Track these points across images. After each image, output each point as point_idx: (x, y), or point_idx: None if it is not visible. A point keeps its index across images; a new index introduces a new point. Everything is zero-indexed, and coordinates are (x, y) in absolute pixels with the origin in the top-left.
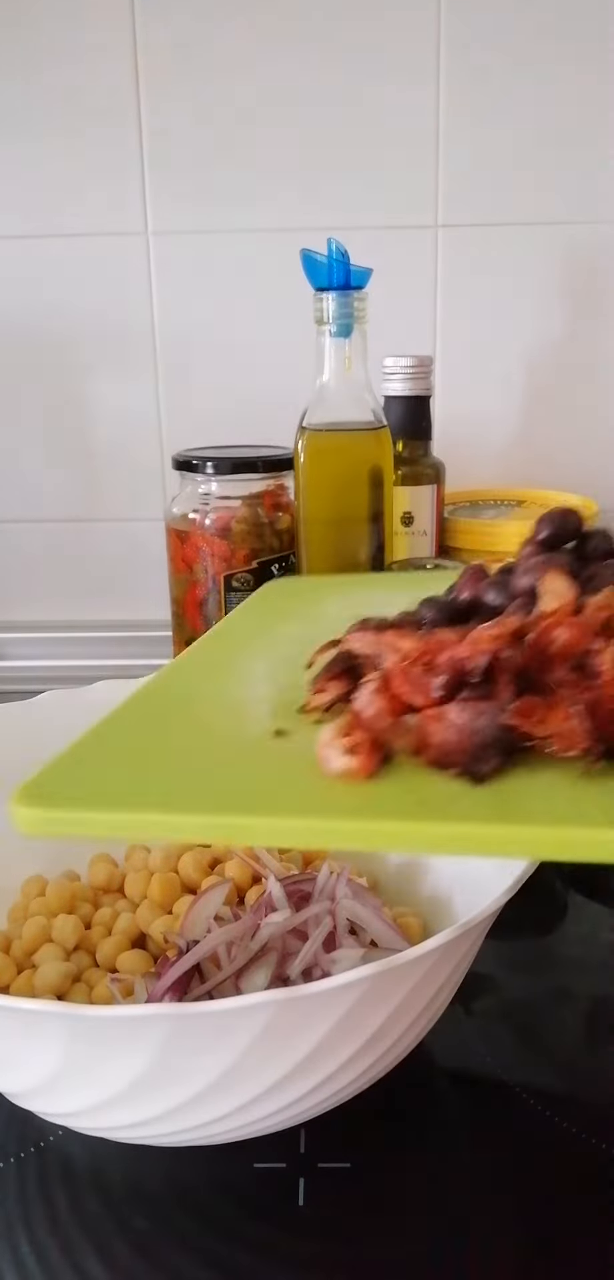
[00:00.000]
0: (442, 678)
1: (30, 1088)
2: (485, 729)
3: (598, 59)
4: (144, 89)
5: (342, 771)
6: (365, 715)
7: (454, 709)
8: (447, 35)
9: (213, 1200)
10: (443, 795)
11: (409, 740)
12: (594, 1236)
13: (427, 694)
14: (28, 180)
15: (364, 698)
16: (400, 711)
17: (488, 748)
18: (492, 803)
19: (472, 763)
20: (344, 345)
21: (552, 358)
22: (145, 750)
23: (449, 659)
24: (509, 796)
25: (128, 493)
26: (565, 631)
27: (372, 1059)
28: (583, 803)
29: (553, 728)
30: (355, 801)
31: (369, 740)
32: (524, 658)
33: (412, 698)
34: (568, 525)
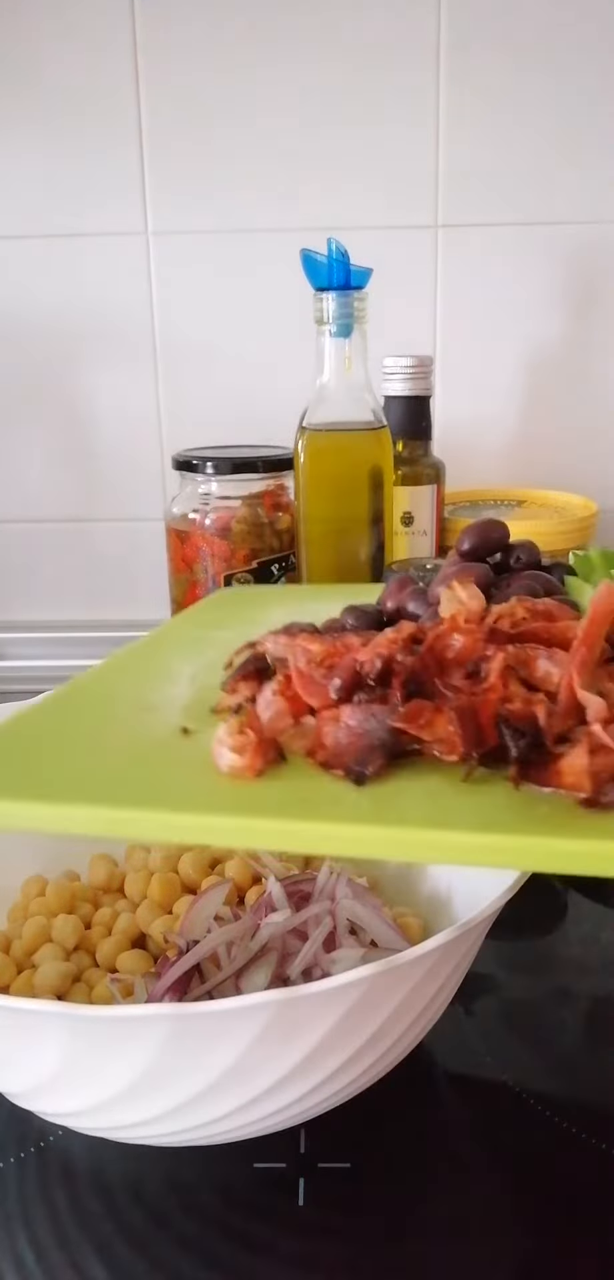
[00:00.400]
0: (338, 680)
1: (30, 1088)
2: (374, 731)
3: (598, 59)
4: (144, 89)
5: (230, 769)
6: (265, 716)
7: (347, 711)
8: (447, 36)
9: (213, 1200)
10: (325, 796)
11: (305, 741)
12: (594, 1236)
13: (324, 696)
14: (28, 180)
15: (265, 699)
16: (301, 713)
17: (375, 750)
18: (368, 804)
19: (356, 764)
20: (344, 345)
21: (552, 358)
22: (50, 745)
23: (347, 662)
24: (387, 799)
25: (128, 493)
26: (461, 638)
27: (372, 1059)
28: (452, 808)
29: (439, 732)
30: (239, 799)
31: (256, 740)
32: (418, 663)
33: (310, 699)
34: (491, 537)
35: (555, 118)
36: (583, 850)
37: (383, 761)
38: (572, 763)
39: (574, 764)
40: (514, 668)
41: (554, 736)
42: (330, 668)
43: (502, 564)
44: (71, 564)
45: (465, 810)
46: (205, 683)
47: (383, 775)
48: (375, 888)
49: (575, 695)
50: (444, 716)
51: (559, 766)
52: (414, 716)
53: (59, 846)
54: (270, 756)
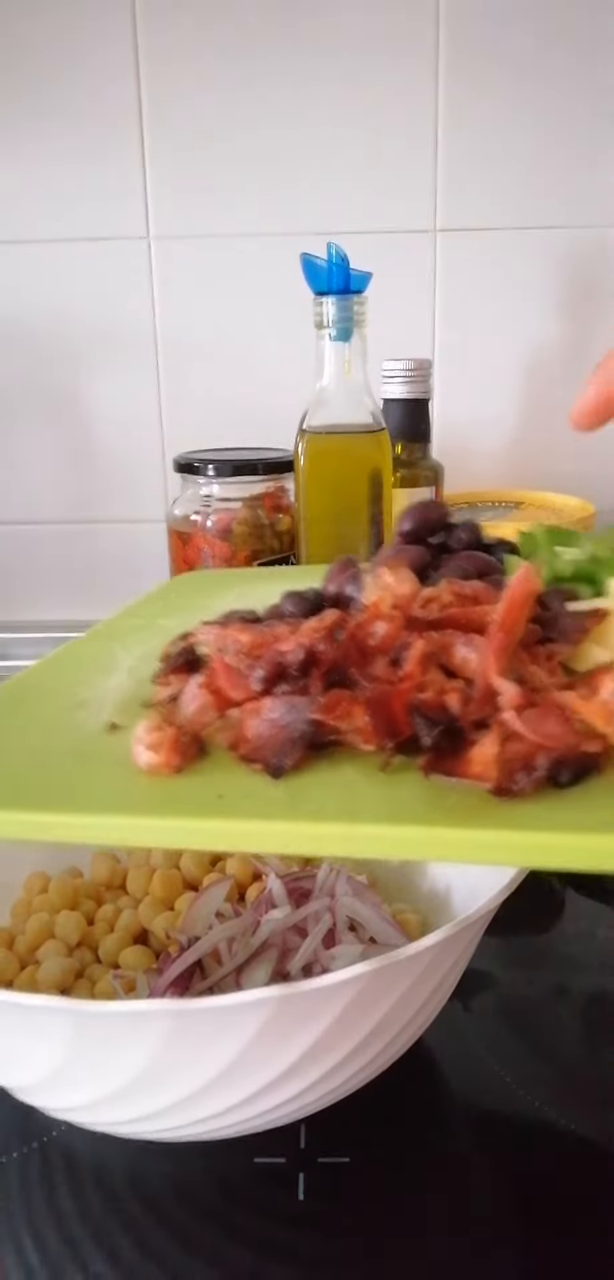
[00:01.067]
0: (260, 672)
1: (33, 1083)
2: (294, 723)
3: (597, 63)
4: (145, 93)
5: (147, 766)
6: (189, 710)
7: (269, 703)
8: (446, 38)
9: (214, 1195)
10: (240, 791)
11: (229, 735)
12: (594, 1236)
13: (246, 688)
14: (30, 184)
15: (189, 692)
16: (226, 706)
17: (294, 742)
18: (282, 798)
19: (275, 757)
20: (344, 349)
21: (549, 360)
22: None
23: (271, 653)
24: (302, 791)
25: (129, 495)
26: (383, 625)
27: (371, 1054)
28: (365, 799)
29: (357, 723)
30: (156, 797)
31: (173, 736)
32: (338, 652)
33: (232, 692)
34: (431, 517)
35: (554, 122)
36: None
37: (301, 754)
38: (480, 752)
39: (482, 753)
40: (434, 654)
41: (471, 724)
42: (257, 658)
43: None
44: (73, 565)
45: (376, 801)
46: (143, 675)
47: (301, 767)
48: (374, 885)
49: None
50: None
51: (469, 756)
52: (332, 707)
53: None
54: (189, 752)
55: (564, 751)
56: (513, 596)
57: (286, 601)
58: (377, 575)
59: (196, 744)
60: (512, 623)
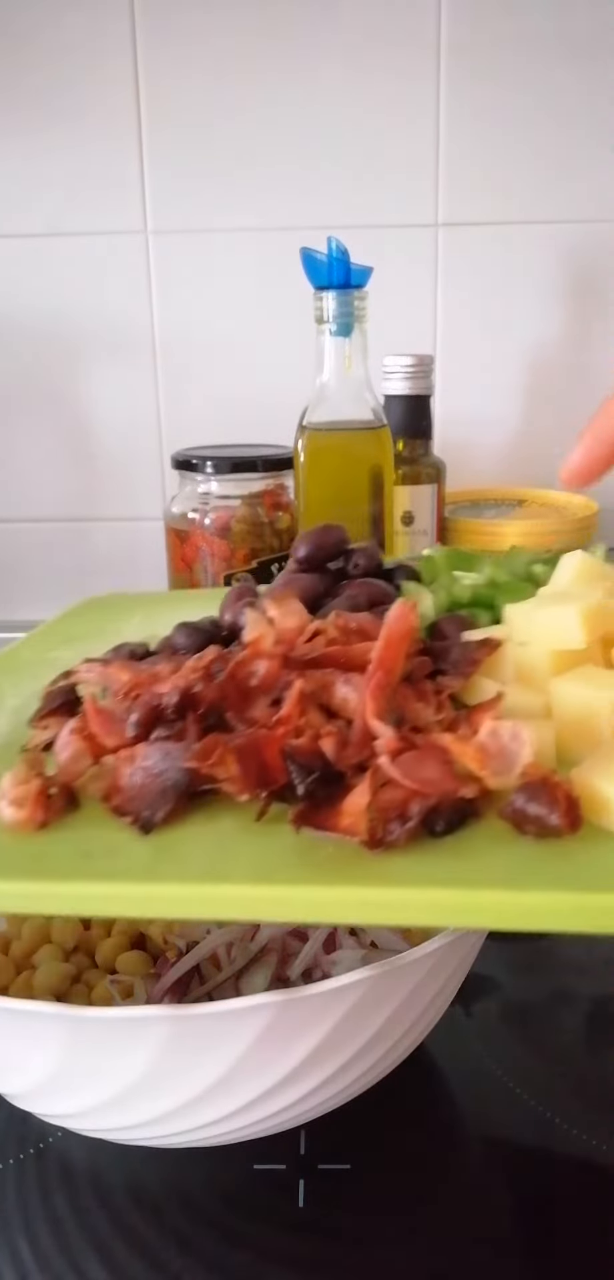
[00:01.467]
0: (135, 716)
1: (30, 1089)
2: (166, 772)
3: (597, 59)
4: (143, 87)
5: (10, 823)
6: (61, 759)
7: (143, 750)
8: (447, 35)
9: (213, 1202)
10: (105, 848)
11: (102, 784)
12: (594, 1236)
13: (120, 734)
14: (27, 179)
15: (62, 739)
16: (100, 753)
17: (166, 793)
18: (148, 856)
19: (145, 811)
20: (344, 344)
21: (552, 356)
22: None
23: (146, 695)
24: (170, 849)
25: (127, 492)
26: (264, 664)
27: (372, 1060)
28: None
29: (231, 770)
30: (15, 857)
31: (37, 789)
32: (216, 694)
33: (106, 739)
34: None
35: (556, 116)
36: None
37: (172, 806)
38: (351, 803)
39: (353, 804)
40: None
41: (352, 767)
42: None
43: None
44: (71, 564)
45: (246, 859)
46: (25, 716)
47: (175, 819)
48: None
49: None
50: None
51: (341, 807)
52: (207, 754)
53: None
54: (57, 806)
55: (439, 799)
56: (390, 635)
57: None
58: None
59: (66, 795)
60: (390, 661)
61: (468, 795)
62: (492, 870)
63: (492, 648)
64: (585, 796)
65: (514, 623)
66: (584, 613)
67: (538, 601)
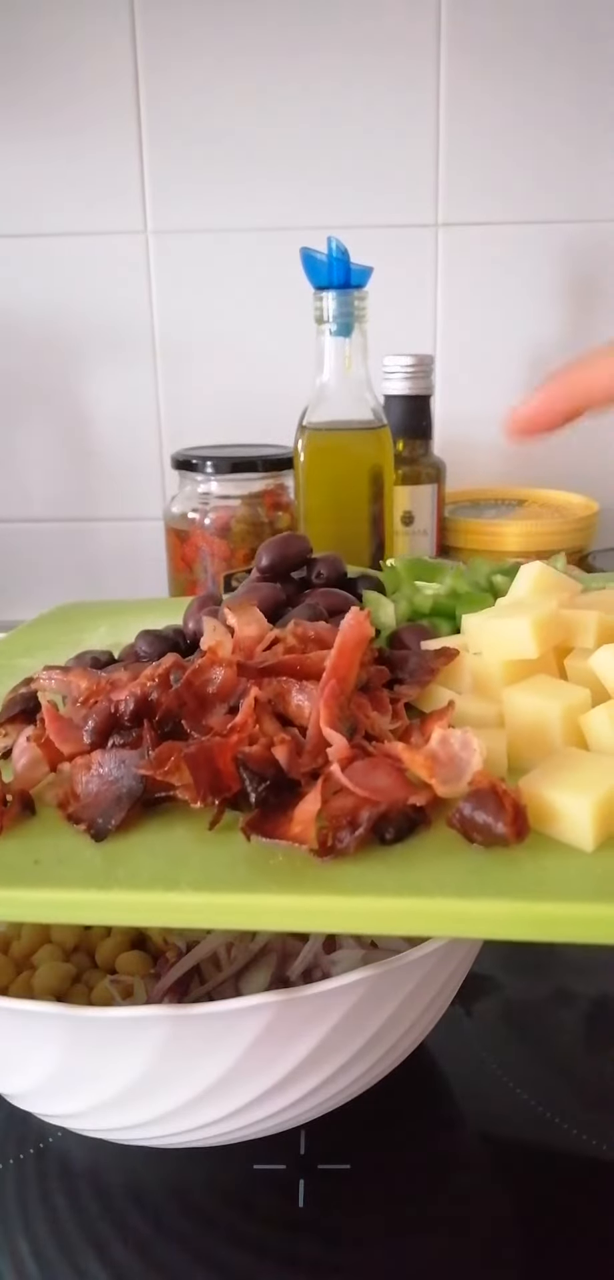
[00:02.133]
0: (91, 723)
1: (30, 1089)
2: (121, 779)
3: (597, 59)
4: (144, 88)
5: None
6: (18, 765)
7: (99, 757)
8: (447, 34)
9: (212, 1202)
10: (57, 855)
11: (58, 792)
12: (594, 1236)
13: (77, 741)
14: (27, 178)
15: (19, 746)
16: (57, 760)
17: (120, 800)
18: (100, 863)
19: (99, 818)
20: (344, 344)
21: (552, 355)
22: None
23: (103, 703)
24: (121, 856)
25: (127, 492)
26: (221, 671)
27: (372, 1060)
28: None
29: (186, 778)
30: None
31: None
32: (173, 700)
33: (62, 745)
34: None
35: (556, 116)
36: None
37: (126, 814)
38: (301, 811)
39: (303, 812)
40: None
41: (306, 774)
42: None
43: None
44: (71, 564)
45: (197, 866)
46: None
47: (129, 827)
48: None
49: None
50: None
51: (291, 814)
52: (162, 761)
53: None
54: (12, 813)
55: (388, 807)
56: (344, 643)
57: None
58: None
59: (22, 802)
60: (343, 669)
61: (418, 803)
62: (438, 879)
63: (448, 657)
64: (532, 805)
65: (470, 632)
66: (536, 623)
67: (493, 612)
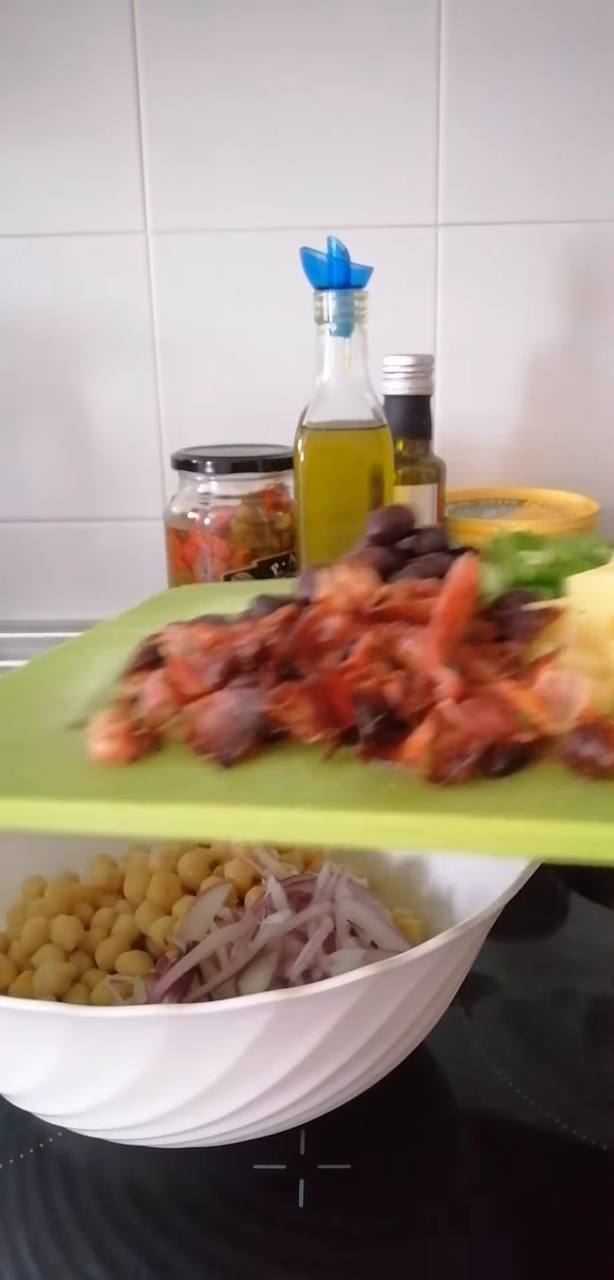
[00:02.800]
0: (216, 665)
1: (30, 1089)
2: (245, 715)
3: (597, 59)
4: (144, 87)
5: (101, 757)
6: (148, 705)
7: (223, 696)
8: (447, 34)
9: (213, 1201)
10: (186, 779)
11: (185, 729)
12: (595, 1236)
13: (202, 682)
14: (27, 179)
15: (149, 687)
16: (184, 701)
17: (244, 734)
18: (225, 786)
19: (224, 748)
20: (344, 344)
21: (552, 356)
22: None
23: (226, 648)
24: (245, 781)
25: (127, 492)
26: (335, 620)
27: (372, 1060)
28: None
29: (303, 713)
30: (108, 785)
31: (126, 728)
32: (290, 646)
33: (189, 686)
34: (399, 521)
35: (557, 116)
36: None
37: (250, 745)
38: (415, 739)
39: (417, 740)
40: (380, 648)
41: (414, 714)
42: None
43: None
44: (71, 564)
45: (314, 789)
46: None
47: (251, 758)
48: (376, 888)
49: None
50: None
51: (403, 745)
52: (281, 698)
53: (58, 847)
54: (143, 744)
55: (496, 740)
56: (454, 588)
57: (257, 604)
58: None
59: (152, 737)
60: (453, 614)
61: (526, 739)
62: (547, 804)
63: (554, 615)
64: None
65: (576, 592)
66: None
67: (599, 571)
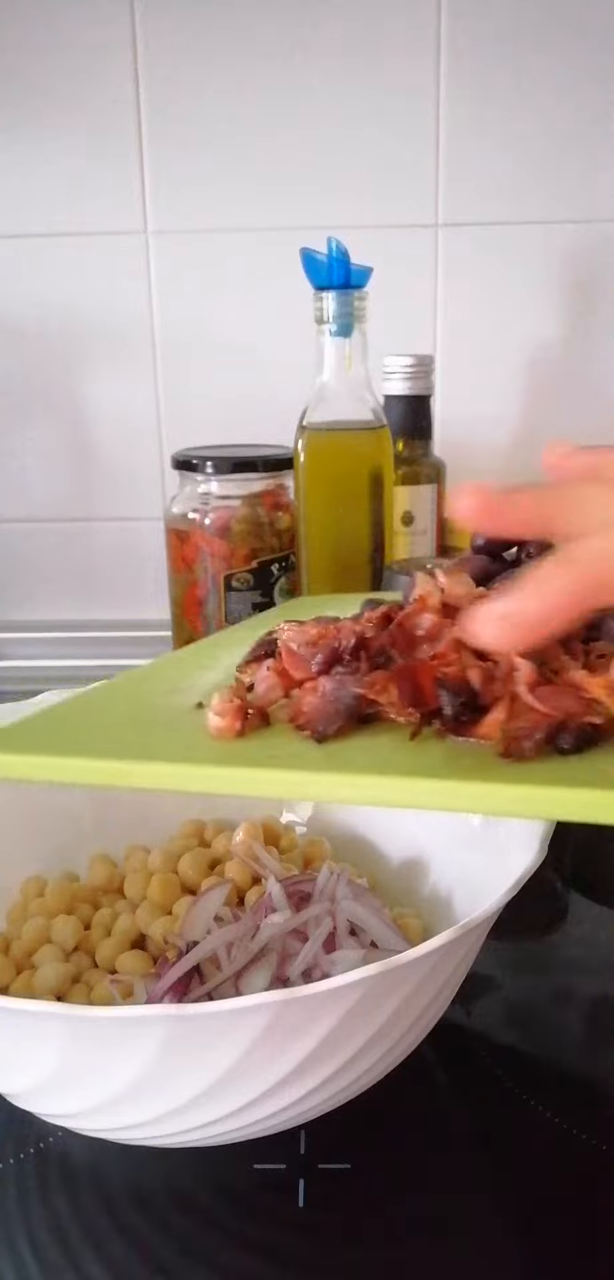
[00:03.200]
0: (320, 656)
1: (30, 1089)
2: (342, 698)
3: (597, 59)
4: (144, 88)
5: (214, 730)
6: (260, 689)
7: (324, 681)
8: (447, 35)
9: (213, 1201)
10: (288, 751)
11: (289, 710)
12: (594, 1236)
13: (306, 669)
14: (27, 180)
15: (260, 675)
16: (291, 686)
17: (339, 713)
18: (320, 757)
19: (321, 725)
20: (344, 344)
21: (552, 356)
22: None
23: (329, 640)
24: (338, 753)
25: (127, 492)
26: (430, 617)
27: (372, 1060)
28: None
29: (392, 696)
30: (218, 754)
31: (237, 704)
32: (387, 638)
33: (294, 673)
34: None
35: (556, 116)
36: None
37: (343, 723)
38: (490, 718)
39: (492, 719)
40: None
41: (493, 698)
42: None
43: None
44: (71, 564)
45: (398, 761)
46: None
47: (343, 735)
48: (375, 888)
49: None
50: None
51: (480, 724)
52: (373, 683)
53: (59, 846)
54: (252, 721)
55: (566, 718)
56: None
57: (365, 606)
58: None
59: (260, 715)
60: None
61: (596, 721)
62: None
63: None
64: None
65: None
66: None
67: None
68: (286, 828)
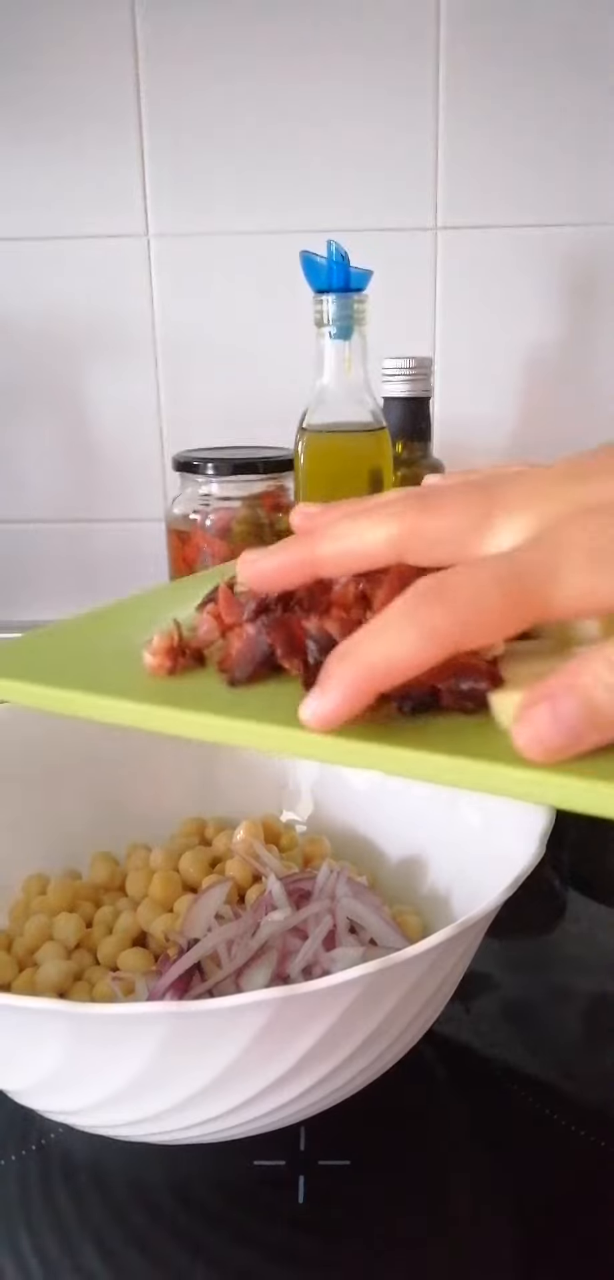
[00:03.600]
0: (252, 603)
1: (31, 1085)
2: (259, 644)
3: (597, 61)
4: (145, 90)
5: (148, 667)
6: (200, 631)
7: (248, 627)
8: (446, 36)
9: (213, 1198)
10: (203, 692)
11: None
12: (594, 1236)
13: (238, 615)
14: (28, 181)
15: (203, 617)
16: (225, 629)
17: (253, 659)
18: (225, 701)
19: (237, 671)
20: (344, 347)
21: (551, 359)
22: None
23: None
24: (245, 699)
25: (128, 493)
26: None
27: (371, 1057)
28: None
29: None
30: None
31: (168, 645)
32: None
33: (227, 617)
34: None
35: (556, 118)
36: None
37: (254, 669)
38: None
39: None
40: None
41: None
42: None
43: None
44: (72, 564)
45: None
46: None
47: (256, 681)
48: (375, 886)
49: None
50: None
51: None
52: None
53: (59, 845)
54: (181, 660)
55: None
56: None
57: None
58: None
59: (195, 656)
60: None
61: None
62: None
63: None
64: None
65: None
66: None
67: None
68: (287, 826)
